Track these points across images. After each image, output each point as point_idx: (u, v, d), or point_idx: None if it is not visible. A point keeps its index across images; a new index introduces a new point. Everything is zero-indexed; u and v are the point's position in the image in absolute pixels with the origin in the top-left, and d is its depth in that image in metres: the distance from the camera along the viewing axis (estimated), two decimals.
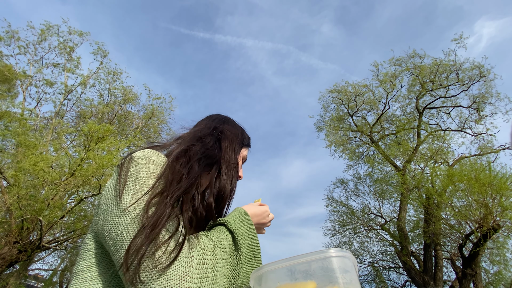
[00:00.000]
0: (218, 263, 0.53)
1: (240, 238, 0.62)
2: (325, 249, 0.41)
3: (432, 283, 8.64)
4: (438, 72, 10.87)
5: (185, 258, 0.49)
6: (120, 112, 11.53)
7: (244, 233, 0.65)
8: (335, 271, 0.40)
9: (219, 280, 0.51)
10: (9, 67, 9.49)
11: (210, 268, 0.51)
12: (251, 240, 0.66)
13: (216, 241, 0.57)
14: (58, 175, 6.89)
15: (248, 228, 0.68)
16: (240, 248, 0.60)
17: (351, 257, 0.43)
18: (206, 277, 0.49)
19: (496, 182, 7.16)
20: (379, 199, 11.29)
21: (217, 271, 0.52)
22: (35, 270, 11.63)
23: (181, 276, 0.46)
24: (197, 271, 0.48)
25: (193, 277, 0.47)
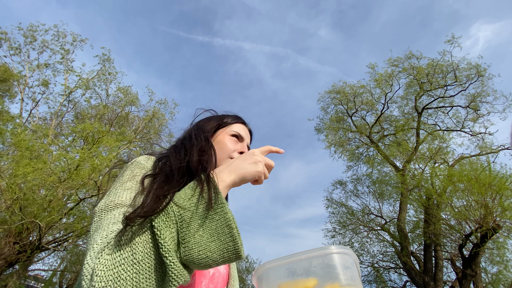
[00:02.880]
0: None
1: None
2: (326, 246, 0.41)
3: (432, 284, 8.63)
4: (435, 73, 10.91)
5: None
6: (120, 114, 11.54)
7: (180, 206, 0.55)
8: (336, 267, 0.40)
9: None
10: (5, 68, 9.49)
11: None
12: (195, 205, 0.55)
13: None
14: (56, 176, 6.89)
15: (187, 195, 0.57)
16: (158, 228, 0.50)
17: (352, 254, 0.43)
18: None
19: (496, 182, 7.16)
20: (379, 200, 11.30)
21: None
22: (35, 270, 11.61)
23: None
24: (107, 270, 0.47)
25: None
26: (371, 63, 11.87)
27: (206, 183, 0.59)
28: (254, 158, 0.66)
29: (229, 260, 0.52)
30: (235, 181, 0.63)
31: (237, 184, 0.64)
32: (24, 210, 6.68)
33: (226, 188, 0.61)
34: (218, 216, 0.53)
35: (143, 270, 0.47)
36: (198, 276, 0.71)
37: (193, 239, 0.51)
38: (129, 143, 10.02)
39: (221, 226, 0.53)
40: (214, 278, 0.75)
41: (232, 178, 0.62)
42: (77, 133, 8.22)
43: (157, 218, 0.51)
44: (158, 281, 0.48)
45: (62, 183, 6.84)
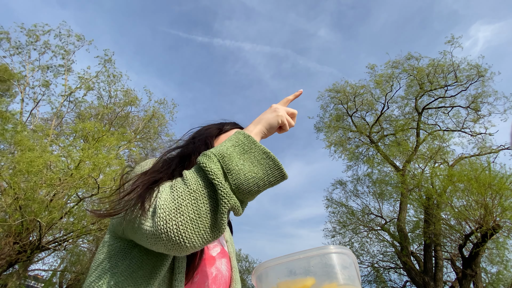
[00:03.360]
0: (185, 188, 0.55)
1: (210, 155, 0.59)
2: (325, 246, 0.41)
3: (432, 284, 8.63)
4: (435, 73, 10.91)
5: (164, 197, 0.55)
6: (120, 114, 11.55)
7: (223, 148, 0.61)
8: (334, 267, 0.40)
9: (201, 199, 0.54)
10: (5, 67, 9.49)
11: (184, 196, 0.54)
12: (242, 145, 0.61)
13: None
14: (56, 175, 6.89)
15: (232, 141, 0.63)
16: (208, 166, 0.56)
17: (350, 254, 0.43)
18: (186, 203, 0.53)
19: (496, 183, 7.16)
20: (379, 200, 11.30)
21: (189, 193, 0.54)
22: (35, 270, 11.61)
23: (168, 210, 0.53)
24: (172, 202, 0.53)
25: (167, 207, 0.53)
26: (370, 64, 11.88)
27: (235, 135, 0.65)
28: (272, 108, 0.74)
29: (275, 178, 0.58)
30: (262, 130, 0.69)
31: (265, 133, 0.71)
32: (25, 209, 6.68)
33: (255, 136, 0.67)
34: (254, 150, 0.60)
35: (199, 196, 0.54)
36: (201, 276, 0.71)
37: (237, 167, 0.56)
38: (129, 143, 10.03)
39: (259, 154, 0.59)
40: (217, 280, 0.75)
41: (258, 128, 0.69)
42: (77, 132, 8.22)
43: (201, 158, 0.58)
44: (213, 205, 0.54)
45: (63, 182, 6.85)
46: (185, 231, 0.51)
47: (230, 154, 0.58)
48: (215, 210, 0.54)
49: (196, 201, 0.53)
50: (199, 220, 0.52)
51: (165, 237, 0.50)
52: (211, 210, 0.54)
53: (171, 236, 0.50)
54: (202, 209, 0.53)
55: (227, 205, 0.53)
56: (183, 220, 0.51)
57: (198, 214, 0.52)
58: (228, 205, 0.53)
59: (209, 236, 0.53)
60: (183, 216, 0.51)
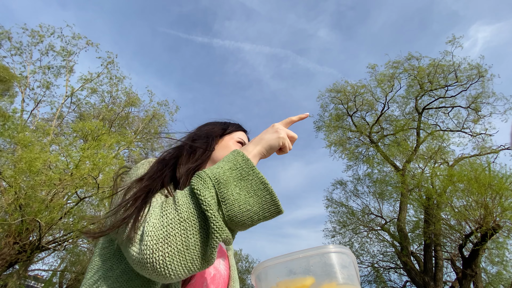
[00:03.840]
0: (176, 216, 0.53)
1: (202, 177, 0.55)
2: (324, 245, 0.41)
3: (432, 284, 8.63)
4: (436, 73, 10.90)
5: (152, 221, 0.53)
6: (121, 114, 11.56)
7: (217, 169, 0.57)
8: (334, 266, 0.40)
9: (191, 229, 0.51)
10: (6, 68, 9.49)
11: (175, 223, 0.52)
12: (237, 169, 0.58)
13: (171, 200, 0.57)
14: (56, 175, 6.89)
15: (229, 162, 0.60)
16: (201, 192, 0.53)
17: (349, 254, 0.43)
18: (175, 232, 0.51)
19: (496, 183, 7.16)
20: (379, 200, 11.30)
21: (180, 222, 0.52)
22: (35, 270, 11.61)
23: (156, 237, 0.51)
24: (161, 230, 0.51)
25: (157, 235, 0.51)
26: (371, 64, 11.87)
27: (233, 155, 0.62)
28: (274, 128, 0.71)
29: (270, 214, 0.55)
30: (261, 151, 0.67)
31: (265, 154, 0.68)
32: (25, 209, 6.68)
33: (254, 158, 0.65)
34: (252, 176, 0.57)
35: (190, 227, 0.51)
36: (199, 277, 0.70)
37: (232, 197, 0.54)
38: (129, 143, 10.03)
39: (256, 183, 0.56)
40: (215, 280, 0.75)
41: (258, 149, 0.66)
42: (77, 132, 8.22)
43: (195, 182, 0.55)
44: (203, 237, 0.51)
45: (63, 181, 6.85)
46: (171, 263, 0.49)
47: (226, 179, 0.55)
48: (205, 242, 0.51)
49: (186, 231, 0.50)
50: (187, 252, 0.50)
51: (150, 267, 0.49)
52: (201, 242, 0.51)
53: (156, 267, 0.48)
54: (191, 241, 0.50)
55: (219, 239, 0.50)
56: (171, 252, 0.49)
57: (187, 246, 0.50)
58: (220, 239, 0.51)
59: (196, 268, 0.51)
60: (170, 247, 0.49)
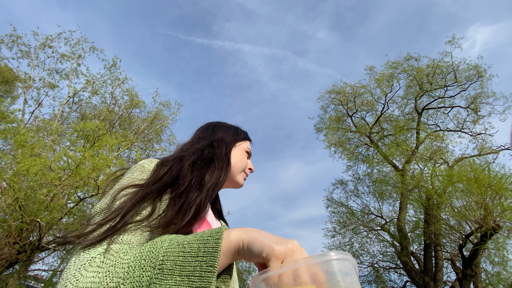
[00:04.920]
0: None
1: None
2: (325, 252, 0.41)
3: (432, 284, 8.63)
4: (435, 73, 10.90)
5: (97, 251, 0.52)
6: (123, 115, 11.57)
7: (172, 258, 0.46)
8: (336, 274, 0.40)
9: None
10: (10, 69, 9.54)
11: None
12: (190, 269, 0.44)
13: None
14: (57, 175, 6.89)
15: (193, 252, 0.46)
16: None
17: (351, 259, 0.43)
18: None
19: (495, 183, 7.16)
20: (378, 200, 11.30)
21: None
22: (35, 270, 11.61)
23: (75, 267, 0.50)
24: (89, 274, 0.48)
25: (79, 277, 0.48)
26: (368, 66, 11.89)
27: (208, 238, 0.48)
28: (288, 241, 0.49)
29: None
30: (241, 248, 0.49)
31: (243, 255, 0.48)
32: (25, 209, 6.68)
33: (225, 256, 0.48)
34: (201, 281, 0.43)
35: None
36: None
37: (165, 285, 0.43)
38: (130, 144, 10.03)
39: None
40: None
41: (240, 244, 0.48)
42: (78, 132, 8.22)
43: (148, 254, 0.47)
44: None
45: (63, 182, 6.85)
46: None
47: (171, 269, 0.44)
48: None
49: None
50: None
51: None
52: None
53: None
54: None
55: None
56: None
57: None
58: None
59: None
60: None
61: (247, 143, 0.99)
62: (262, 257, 0.44)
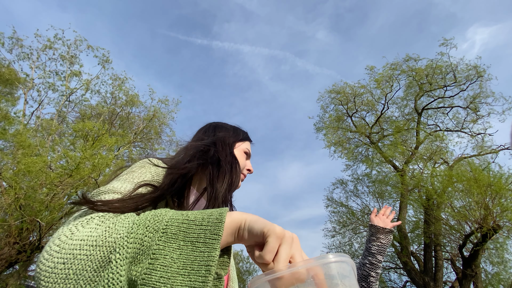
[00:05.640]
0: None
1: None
2: (324, 255, 0.41)
3: (432, 284, 8.63)
4: (434, 74, 10.90)
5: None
6: (122, 114, 11.55)
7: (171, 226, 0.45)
8: (334, 277, 0.39)
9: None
10: (11, 71, 9.57)
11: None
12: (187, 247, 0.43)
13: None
14: (57, 175, 6.89)
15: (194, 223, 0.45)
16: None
17: (349, 261, 0.43)
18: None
19: (495, 183, 7.16)
20: (378, 200, 11.30)
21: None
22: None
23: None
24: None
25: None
26: (369, 66, 11.87)
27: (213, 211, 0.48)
28: (285, 232, 0.48)
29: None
30: (241, 226, 0.48)
31: (242, 236, 0.47)
32: (25, 209, 6.68)
33: (227, 232, 0.47)
34: (202, 255, 0.42)
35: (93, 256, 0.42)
36: None
37: (163, 260, 0.41)
38: (129, 143, 10.03)
39: (198, 264, 0.41)
40: None
41: (241, 223, 0.48)
42: (77, 132, 8.23)
43: (151, 217, 0.46)
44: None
45: (63, 182, 6.85)
46: None
47: (175, 233, 0.44)
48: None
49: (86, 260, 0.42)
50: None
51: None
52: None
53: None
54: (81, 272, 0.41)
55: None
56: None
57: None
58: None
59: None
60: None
61: (247, 144, 0.99)
62: (263, 232, 0.44)
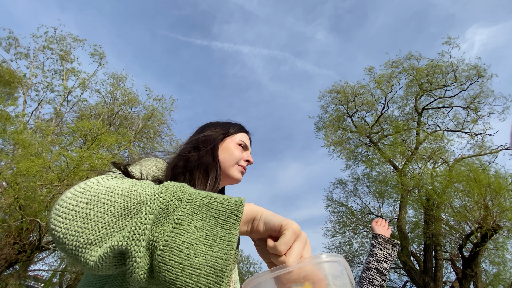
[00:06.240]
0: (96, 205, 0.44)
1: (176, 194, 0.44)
2: (316, 255, 0.41)
3: (432, 284, 8.63)
4: (435, 73, 10.90)
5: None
6: (120, 113, 11.54)
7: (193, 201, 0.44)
8: (326, 277, 0.40)
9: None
10: (11, 72, 9.59)
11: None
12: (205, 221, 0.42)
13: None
14: (56, 176, 6.90)
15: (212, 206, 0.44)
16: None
17: (341, 261, 0.43)
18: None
19: (494, 183, 7.16)
20: (378, 200, 11.30)
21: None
22: (35, 270, 11.62)
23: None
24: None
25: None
26: (368, 66, 11.88)
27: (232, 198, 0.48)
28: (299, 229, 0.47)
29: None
30: (257, 219, 0.47)
31: (256, 229, 0.47)
32: (25, 209, 6.69)
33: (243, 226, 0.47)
34: (224, 231, 0.42)
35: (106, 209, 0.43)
36: None
37: (188, 227, 0.41)
38: (128, 143, 10.03)
39: (220, 237, 0.41)
40: None
41: (260, 212, 0.47)
42: (76, 132, 8.24)
43: (176, 186, 0.46)
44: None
45: (62, 182, 6.85)
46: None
47: (199, 205, 0.44)
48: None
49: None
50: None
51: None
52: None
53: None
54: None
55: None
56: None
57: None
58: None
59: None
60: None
61: (241, 135, 0.98)
62: (281, 225, 0.44)
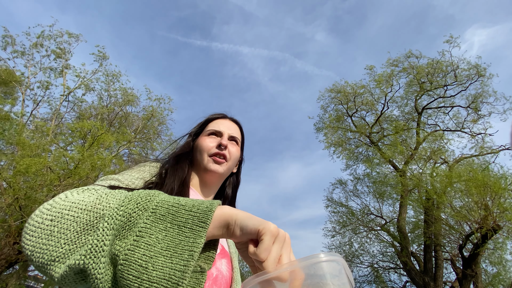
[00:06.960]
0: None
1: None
2: (314, 254, 0.41)
3: (432, 284, 8.63)
4: (435, 72, 10.88)
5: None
6: (120, 114, 11.54)
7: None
8: (324, 276, 0.39)
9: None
10: (9, 71, 9.59)
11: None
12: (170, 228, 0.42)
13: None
14: (56, 175, 6.90)
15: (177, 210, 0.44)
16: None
17: (340, 261, 0.43)
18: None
19: (494, 183, 7.16)
20: (378, 200, 11.29)
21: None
22: (34, 270, 11.62)
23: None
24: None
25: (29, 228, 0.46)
26: (368, 65, 11.86)
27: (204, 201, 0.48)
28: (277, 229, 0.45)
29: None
30: (233, 221, 0.45)
31: (232, 231, 0.45)
32: (25, 209, 6.69)
33: (213, 227, 0.45)
34: (187, 240, 0.41)
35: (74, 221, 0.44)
36: None
37: (148, 239, 0.41)
38: (128, 143, 10.04)
39: (182, 247, 0.40)
40: (217, 280, 0.73)
41: (232, 218, 0.45)
42: (76, 132, 8.24)
43: (143, 194, 0.47)
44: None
45: (62, 182, 6.86)
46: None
47: (163, 215, 0.44)
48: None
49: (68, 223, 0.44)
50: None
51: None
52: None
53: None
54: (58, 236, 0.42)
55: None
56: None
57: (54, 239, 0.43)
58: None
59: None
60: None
61: (212, 124, 0.97)
62: (258, 230, 0.42)
